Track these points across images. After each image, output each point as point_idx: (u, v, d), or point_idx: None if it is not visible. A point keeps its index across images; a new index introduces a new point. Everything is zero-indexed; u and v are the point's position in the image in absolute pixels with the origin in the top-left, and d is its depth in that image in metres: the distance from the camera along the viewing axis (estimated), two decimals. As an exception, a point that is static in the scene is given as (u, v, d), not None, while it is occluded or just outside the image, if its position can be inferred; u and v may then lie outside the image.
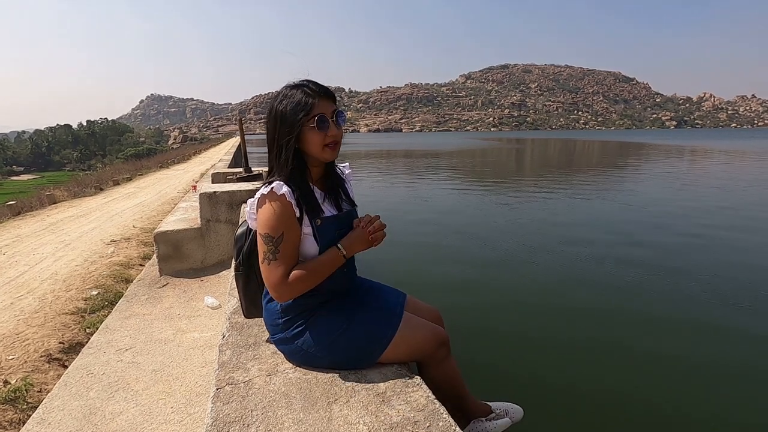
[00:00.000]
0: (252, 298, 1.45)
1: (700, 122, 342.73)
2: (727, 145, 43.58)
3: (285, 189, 1.23)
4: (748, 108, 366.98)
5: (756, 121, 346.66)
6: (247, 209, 1.32)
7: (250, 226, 1.39)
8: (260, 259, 1.25)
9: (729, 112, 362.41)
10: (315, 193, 1.32)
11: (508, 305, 4.48)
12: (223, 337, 1.49)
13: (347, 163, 1.50)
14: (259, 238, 1.24)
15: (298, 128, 1.23)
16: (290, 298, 1.26)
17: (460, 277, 5.31)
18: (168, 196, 10.50)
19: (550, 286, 4.94)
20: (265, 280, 1.25)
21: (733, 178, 15.14)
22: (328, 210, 1.33)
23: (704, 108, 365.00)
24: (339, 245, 1.26)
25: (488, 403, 1.55)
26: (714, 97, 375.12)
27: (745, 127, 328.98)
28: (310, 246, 1.28)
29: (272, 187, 1.22)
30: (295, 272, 1.23)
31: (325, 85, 1.31)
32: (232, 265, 1.52)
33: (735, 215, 8.76)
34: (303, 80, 1.28)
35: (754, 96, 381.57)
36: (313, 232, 1.27)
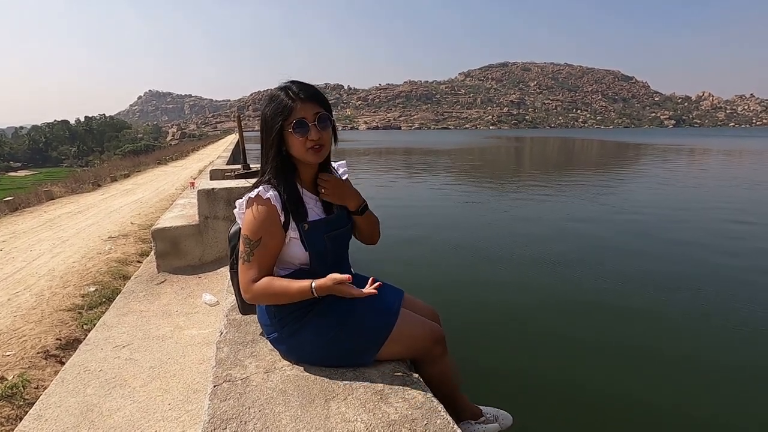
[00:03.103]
0: None
1: (699, 121, 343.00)
2: (726, 145, 43.61)
3: (270, 193, 1.22)
4: (746, 107, 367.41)
5: (754, 121, 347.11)
6: (236, 209, 1.31)
7: (240, 226, 1.40)
8: (239, 257, 1.26)
9: (727, 111, 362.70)
10: (305, 196, 1.31)
11: (505, 305, 4.47)
12: (221, 334, 1.48)
13: (343, 161, 1.48)
14: (241, 237, 1.25)
15: (278, 133, 1.22)
16: (254, 303, 1.27)
17: (458, 275, 5.31)
18: (166, 192, 10.46)
19: (548, 285, 4.94)
20: (239, 278, 1.26)
21: (736, 179, 15.17)
22: (317, 213, 1.31)
23: (703, 107, 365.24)
24: (314, 286, 1.18)
25: (479, 406, 1.57)
26: (713, 96, 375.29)
27: (743, 126, 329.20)
28: (298, 250, 1.28)
29: (258, 191, 1.22)
30: (264, 284, 1.21)
31: (323, 82, 1.32)
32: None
33: (733, 216, 8.78)
34: (288, 82, 1.26)
35: (752, 95, 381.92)
36: (300, 236, 1.27)
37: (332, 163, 1.42)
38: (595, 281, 5.00)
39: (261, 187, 1.24)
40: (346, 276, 1.17)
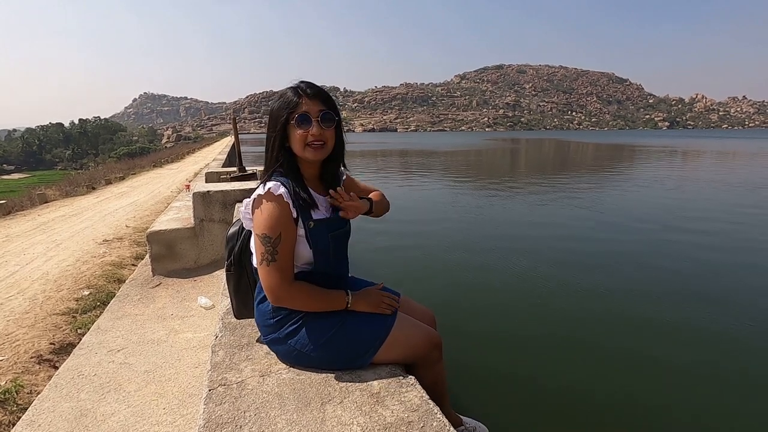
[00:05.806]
0: (243, 299, 1.44)
1: (692, 123, 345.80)
2: (719, 146, 43.95)
3: (282, 189, 1.22)
4: (739, 109, 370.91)
5: (747, 122, 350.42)
6: (242, 209, 1.30)
7: (244, 226, 1.37)
8: (257, 261, 1.23)
9: (720, 113, 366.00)
10: (312, 193, 1.32)
11: (501, 308, 4.45)
12: (216, 337, 1.47)
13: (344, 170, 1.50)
14: (256, 239, 1.22)
15: (283, 126, 1.25)
16: (285, 305, 1.25)
17: (454, 278, 5.30)
18: (161, 195, 10.42)
19: (541, 289, 4.93)
20: (263, 281, 1.23)
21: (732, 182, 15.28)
22: (323, 212, 1.31)
23: (696, 109, 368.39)
24: (349, 294, 1.28)
25: (459, 416, 1.58)
26: (706, 98, 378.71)
27: (735, 127, 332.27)
28: (303, 249, 1.27)
29: (269, 188, 1.21)
30: (302, 286, 1.24)
31: (320, 84, 1.31)
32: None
33: (730, 217, 8.85)
34: (300, 81, 1.30)
35: (745, 97, 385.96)
36: (306, 234, 1.26)
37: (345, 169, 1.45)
38: (590, 286, 4.99)
39: (271, 184, 1.22)
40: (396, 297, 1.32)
